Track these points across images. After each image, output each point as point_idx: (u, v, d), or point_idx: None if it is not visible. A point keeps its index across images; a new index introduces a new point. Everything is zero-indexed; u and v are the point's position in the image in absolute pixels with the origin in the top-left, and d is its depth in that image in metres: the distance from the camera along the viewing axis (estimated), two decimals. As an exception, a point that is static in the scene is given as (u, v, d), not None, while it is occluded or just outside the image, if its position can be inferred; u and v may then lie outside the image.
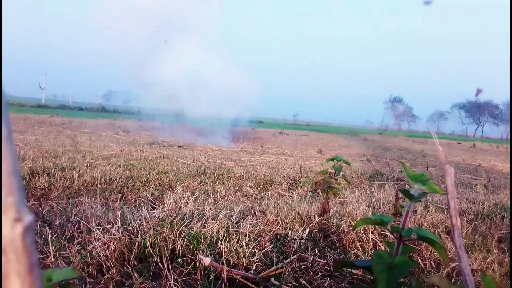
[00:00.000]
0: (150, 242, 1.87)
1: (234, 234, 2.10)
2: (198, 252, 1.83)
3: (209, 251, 1.91)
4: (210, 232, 2.06)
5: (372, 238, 2.23)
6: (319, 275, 1.82)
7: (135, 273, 1.64)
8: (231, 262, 1.87)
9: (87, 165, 4.25)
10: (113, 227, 1.99)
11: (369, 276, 1.77)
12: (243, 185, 4.03)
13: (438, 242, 0.80)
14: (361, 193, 3.67)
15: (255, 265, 1.85)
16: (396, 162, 7.97)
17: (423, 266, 1.99)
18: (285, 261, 1.90)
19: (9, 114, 0.35)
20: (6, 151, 0.34)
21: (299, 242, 2.15)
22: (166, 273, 1.65)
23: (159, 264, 1.74)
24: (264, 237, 2.19)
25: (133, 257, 1.79)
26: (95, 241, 1.86)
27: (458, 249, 0.74)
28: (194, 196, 2.81)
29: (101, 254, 1.75)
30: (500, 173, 7.54)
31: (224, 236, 2.04)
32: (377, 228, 2.30)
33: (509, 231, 2.72)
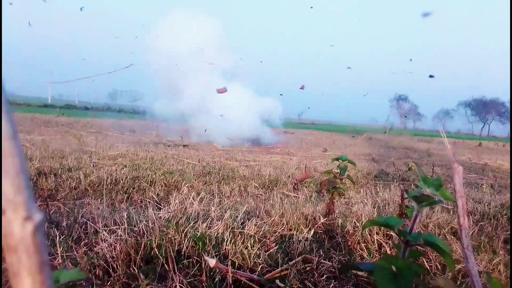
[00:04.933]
0: (156, 243, 1.88)
1: (239, 235, 2.10)
2: (203, 254, 1.84)
3: (215, 252, 1.93)
4: (216, 233, 2.07)
5: (377, 239, 2.23)
6: (324, 277, 1.82)
7: (141, 275, 1.66)
8: (236, 263, 1.88)
9: (93, 166, 4.29)
10: (119, 228, 2.01)
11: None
12: (248, 185, 4.04)
13: (447, 251, 0.79)
14: (366, 194, 3.67)
15: (260, 266, 1.86)
16: (401, 161, 7.93)
17: (428, 268, 1.99)
18: (290, 263, 1.91)
19: (14, 114, 0.35)
20: (14, 149, 0.34)
21: (304, 243, 2.16)
22: (172, 275, 1.66)
23: (165, 265, 1.76)
24: (269, 238, 2.19)
25: (139, 258, 1.80)
26: (102, 242, 1.88)
27: (466, 249, 0.73)
28: (200, 197, 2.82)
29: (107, 256, 1.77)
30: (506, 172, 7.47)
31: (229, 237, 2.05)
32: (382, 229, 2.30)
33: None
